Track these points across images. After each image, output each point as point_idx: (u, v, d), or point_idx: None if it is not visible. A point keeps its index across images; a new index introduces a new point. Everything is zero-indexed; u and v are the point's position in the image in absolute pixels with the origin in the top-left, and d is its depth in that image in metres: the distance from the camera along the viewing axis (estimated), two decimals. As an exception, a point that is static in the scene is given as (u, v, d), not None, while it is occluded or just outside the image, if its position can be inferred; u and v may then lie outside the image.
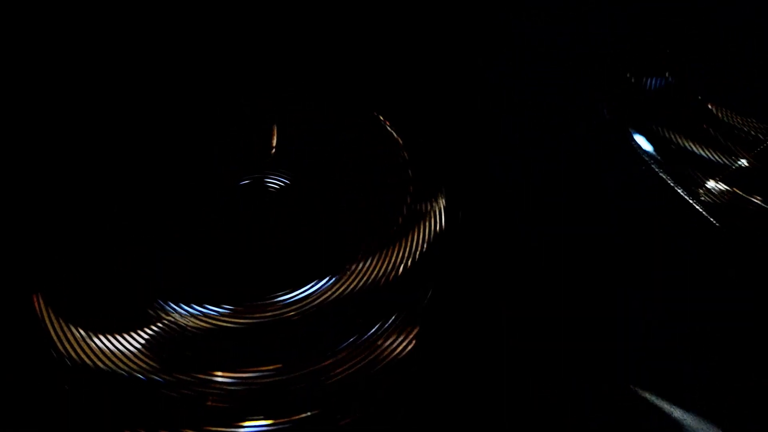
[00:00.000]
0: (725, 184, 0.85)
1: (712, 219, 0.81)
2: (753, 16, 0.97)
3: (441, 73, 0.98)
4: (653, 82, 0.96)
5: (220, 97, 0.93)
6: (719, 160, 0.87)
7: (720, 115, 0.91)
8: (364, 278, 0.76)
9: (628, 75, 0.97)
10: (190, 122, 0.90)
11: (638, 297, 0.76)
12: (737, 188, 0.84)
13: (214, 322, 0.72)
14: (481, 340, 0.75)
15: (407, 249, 0.78)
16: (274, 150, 0.87)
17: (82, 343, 0.70)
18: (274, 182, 0.85)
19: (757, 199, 0.83)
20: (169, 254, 0.78)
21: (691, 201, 0.83)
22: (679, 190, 0.84)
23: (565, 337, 0.73)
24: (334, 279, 0.75)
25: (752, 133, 0.89)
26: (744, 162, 0.87)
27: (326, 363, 0.70)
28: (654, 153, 0.88)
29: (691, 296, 0.75)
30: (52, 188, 0.83)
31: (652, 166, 0.86)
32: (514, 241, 0.82)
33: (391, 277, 0.76)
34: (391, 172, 0.85)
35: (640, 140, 0.89)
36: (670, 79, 0.96)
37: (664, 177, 0.85)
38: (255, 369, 0.70)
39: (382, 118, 0.90)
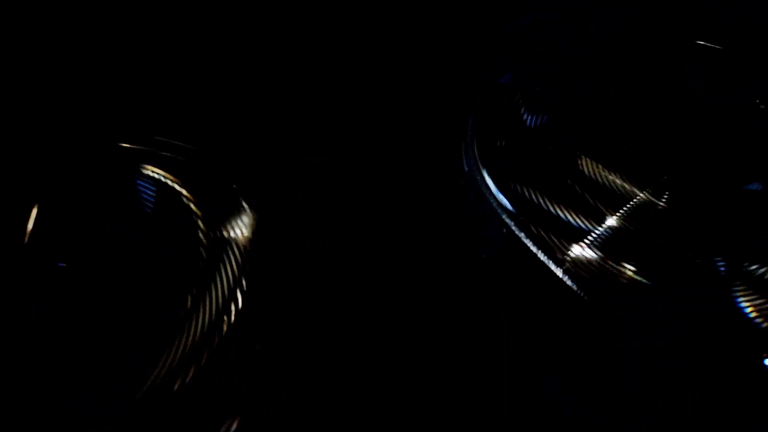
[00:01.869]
0: (594, 250, 0.72)
1: (581, 292, 0.70)
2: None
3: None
4: (530, 120, 0.84)
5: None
6: (583, 223, 0.74)
7: (585, 168, 0.79)
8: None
9: (495, 114, 0.84)
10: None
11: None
12: (606, 254, 0.72)
13: None
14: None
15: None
16: (28, 236, 0.71)
17: None
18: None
19: (629, 268, 0.72)
20: None
21: (557, 272, 0.70)
22: (543, 259, 0.71)
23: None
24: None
25: (623, 187, 0.77)
26: (613, 222, 0.75)
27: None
28: (515, 214, 0.74)
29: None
30: None
31: (513, 229, 0.74)
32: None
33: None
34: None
35: (501, 199, 0.76)
36: (535, 120, 0.83)
37: (527, 243, 0.72)
38: None
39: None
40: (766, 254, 0.73)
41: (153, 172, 0.75)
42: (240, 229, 0.72)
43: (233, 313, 0.68)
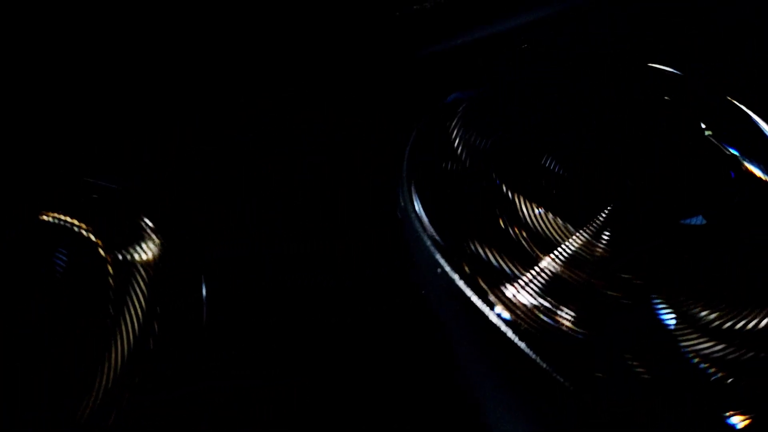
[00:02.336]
0: (529, 294, 0.68)
1: (520, 343, 0.64)
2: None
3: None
4: (471, 147, 0.78)
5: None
6: (514, 268, 0.69)
7: (520, 207, 0.74)
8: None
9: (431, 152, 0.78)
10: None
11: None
12: (542, 298, 0.67)
13: None
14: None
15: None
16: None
17: None
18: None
19: (567, 315, 0.67)
20: None
21: (490, 316, 0.65)
22: (476, 302, 0.66)
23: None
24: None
25: (562, 226, 0.72)
26: (550, 264, 0.70)
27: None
28: (448, 254, 0.69)
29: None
30: None
31: (447, 271, 0.68)
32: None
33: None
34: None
35: (435, 239, 0.71)
36: (477, 145, 0.78)
37: (460, 287, 0.67)
38: None
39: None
40: (709, 294, 0.69)
41: (55, 217, 0.74)
42: (145, 254, 0.72)
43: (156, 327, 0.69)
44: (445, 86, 0.90)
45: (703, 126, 0.84)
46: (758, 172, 0.81)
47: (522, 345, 0.65)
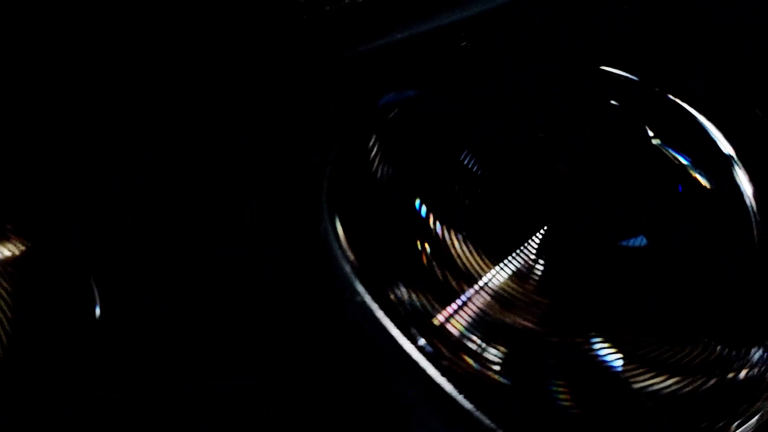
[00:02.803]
0: (455, 330, 0.62)
1: (440, 379, 0.59)
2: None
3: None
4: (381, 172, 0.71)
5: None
6: (432, 304, 0.63)
7: (443, 234, 0.67)
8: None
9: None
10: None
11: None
12: (469, 334, 0.62)
13: None
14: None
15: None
16: None
17: None
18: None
19: (494, 355, 0.62)
20: None
21: (411, 352, 0.60)
22: (396, 335, 0.61)
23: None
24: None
25: (486, 256, 0.66)
26: (475, 302, 0.64)
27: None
28: (369, 284, 0.63)
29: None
30: None
31: (366, 299, 0.63)
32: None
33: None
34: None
35: (355, 266, 0.65)
36: (388, 172, 0.71)
37: (379, 318, 0.62)
38: None
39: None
40: (655, 326, 0.64)
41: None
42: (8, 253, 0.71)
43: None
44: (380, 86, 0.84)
45: (651, 133, 0.77)
46: (707, 184, 0.75)
47: (442, 381, 0.60)
